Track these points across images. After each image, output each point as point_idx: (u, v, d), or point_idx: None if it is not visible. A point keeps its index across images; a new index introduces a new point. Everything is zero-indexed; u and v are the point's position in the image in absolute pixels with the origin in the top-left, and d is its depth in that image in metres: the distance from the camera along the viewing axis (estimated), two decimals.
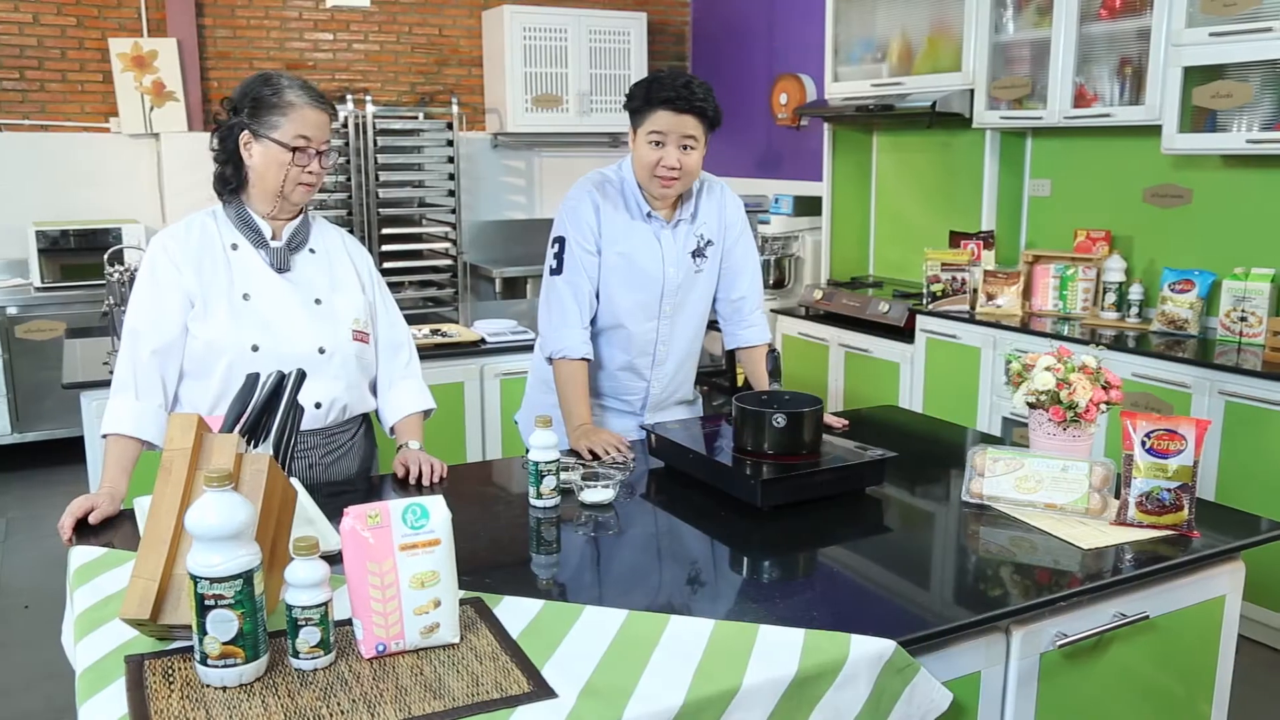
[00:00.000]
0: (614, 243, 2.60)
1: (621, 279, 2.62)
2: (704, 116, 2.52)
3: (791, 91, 6.32)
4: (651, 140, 2.50)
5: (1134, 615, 1.80)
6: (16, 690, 3.30)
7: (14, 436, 5.42)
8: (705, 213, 2.69)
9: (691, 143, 2.51)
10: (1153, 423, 1.96)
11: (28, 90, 5.85)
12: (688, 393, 2.85)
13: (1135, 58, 4.01)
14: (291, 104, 2.13)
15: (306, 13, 6.43)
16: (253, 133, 2.14)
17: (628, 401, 2.74)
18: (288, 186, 2.17)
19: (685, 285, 2.67)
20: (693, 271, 2.67)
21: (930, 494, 2.23)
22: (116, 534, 1.95)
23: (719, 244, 2.71)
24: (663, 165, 2.50)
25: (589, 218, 2.59)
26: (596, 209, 2.60)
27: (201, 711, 1.33)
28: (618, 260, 2.61)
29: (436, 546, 1.47)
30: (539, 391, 2.81)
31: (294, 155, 2.14)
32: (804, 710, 1.47)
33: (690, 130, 2.50)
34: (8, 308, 5.37)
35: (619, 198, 2.62)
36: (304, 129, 2.14)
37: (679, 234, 2.65)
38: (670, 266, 2.63)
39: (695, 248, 2.66)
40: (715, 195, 2.73)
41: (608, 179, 2.65)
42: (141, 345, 2.15)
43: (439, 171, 6.52)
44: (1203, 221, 4.14)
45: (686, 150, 2.51)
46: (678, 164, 2.50)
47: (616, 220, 2.60)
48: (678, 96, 2.48)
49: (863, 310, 4.88)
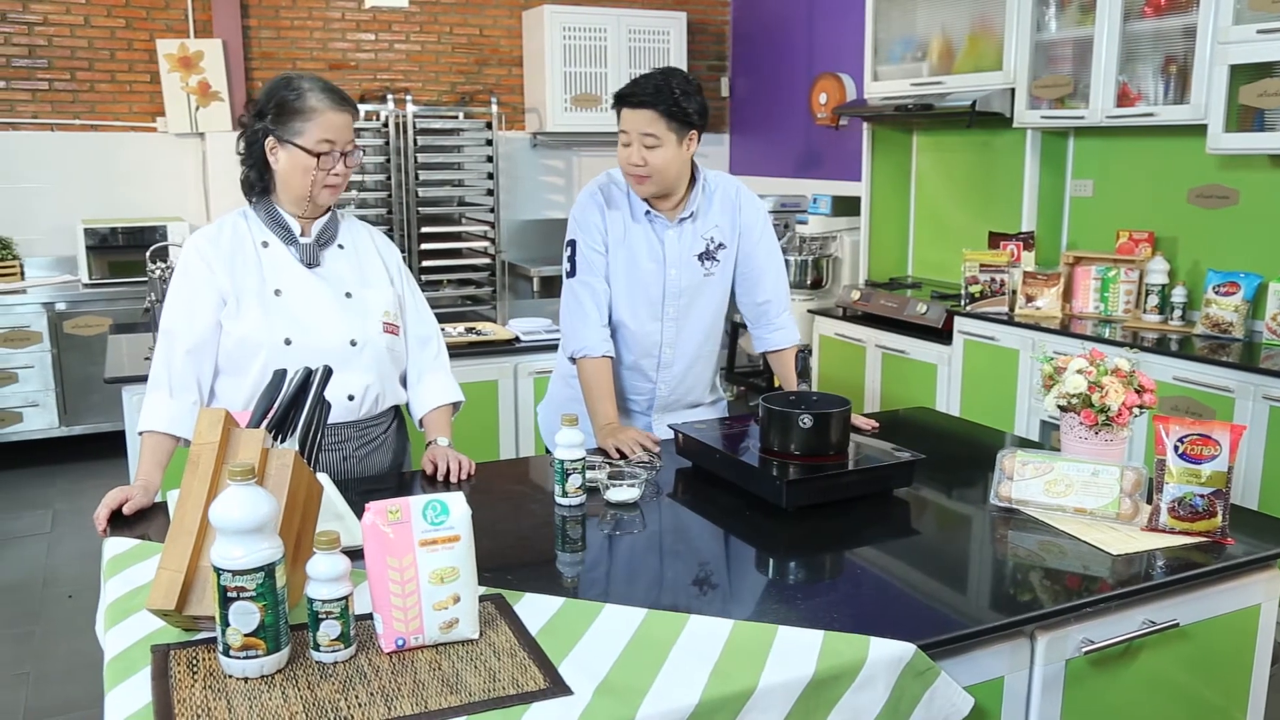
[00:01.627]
0: (617, 243, 2.61)
1: (624, 279, 2.62)
2: (656, 109, 2.44)
3: (831, 91, 6.28)
4: (621, 140, 2.53)
5: (1164, 623, 1.77)
6: (58, 677, 3.37)
7: (62, 430, 5.53)
8: (715, 214, 2.66)
9: (651, 140, 2.46)
10: (1186, 427, 1.93)
11: (78, 91, 5.96)
12: (702, 395, 2.83)
13: (1180, 56, 3.95)
14: (314, 109, 2.15)
15: (349, 13, 6.49)
16: (277, 138, 2.16)
17: (635, 401, 2.74)
18: (314, 190, 2.20)
19: (692, 288, 2.65)
20: (701, 274, 2.64)
21: (959, 497, 2.21)
22: (150, 526, 1.98)
23: (732, 247, 2.68)
24: (629, 163, 2.51)
25: (596, 219, 2.62)
26: (602, 210, 2.62)
27: (223, 702, 1.35)
28: (620, 260, 2.61)
29: (456, 543, 1.48)
30: (560, 385, 2.83)
31: (319, 160, 2.17)
32: (821, 712, 1.46)
33: (647, 127, 2.45)
34: (57, 303, 5.48)
35: (622, 199, 2.63)
36: (327, 133, 2.16)
37: (683, 234, 2.63)
38: (672, 268, 2.62)
39: (703, 250, 2.64)
40: (728, 197, 2.69)
41: (613, 180, 2.66)
42: (176, 344, 2.19)
43: (478, 171, 6.56)
44: (1249, 223, 4.07)
45: (650, 148, 2.47)
46: (641, 160, 2.48)
47: (617, 221, 2.62)
48: (629, 93, 2.48)
49: (900, 311, 4.84)
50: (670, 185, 2.56)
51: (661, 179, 2.52)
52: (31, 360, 5.42)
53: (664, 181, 2.54)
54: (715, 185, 2.69)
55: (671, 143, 2.48)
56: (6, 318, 5.37)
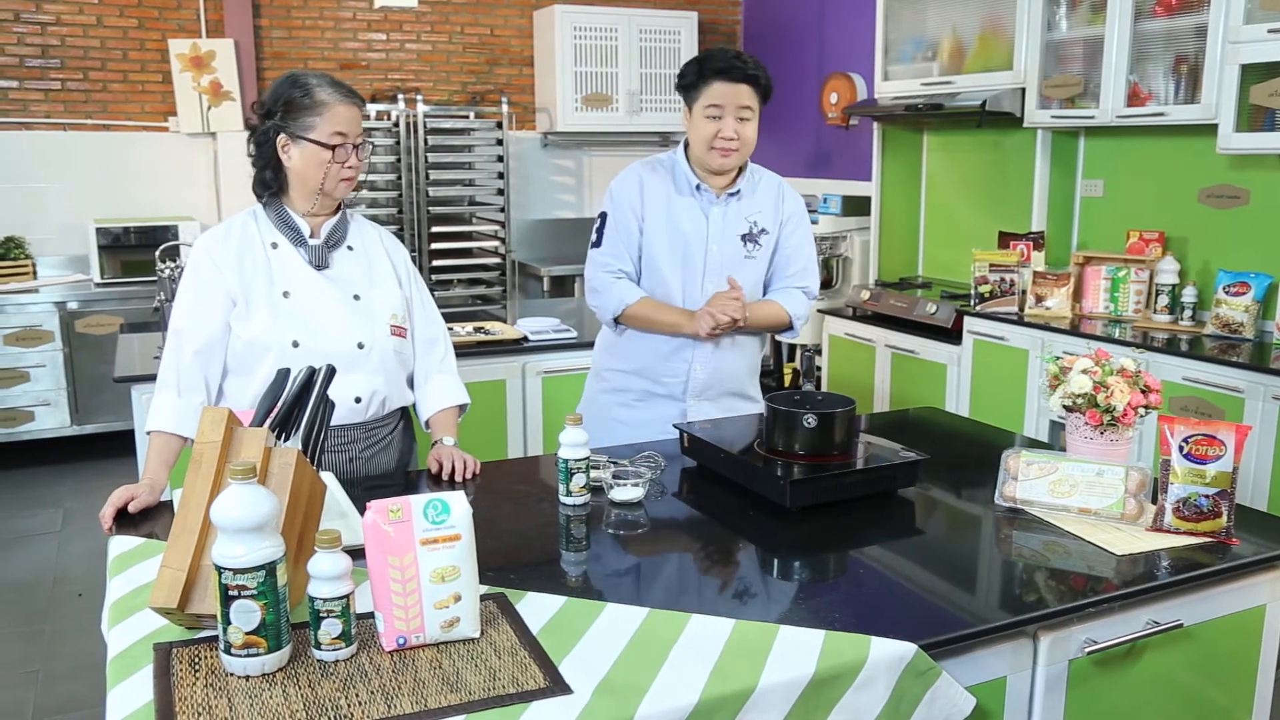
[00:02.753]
0: (657, 212, 2.65)
1: (665, 248, 2.66)
2: (757, 85, 2.58)
3: (842, 90, 6.27)
4: (709, 114, 2.57)
5: (1168, 623, 1.77)
6: (66, 675, 3.39)
7: (73, 429, 5.55)
8: (760, 200, 2.72)
9: (747, 113, 2.57)
10: (1191, 427, 1.92)
11: (90, 91, 5.99)
12: (740, 385, 2.80)
13: (1191, 55, 3.93)
14: (324, 103, 2.17)
15: (360, 13, 6.51)
16: (290, 135, 2.17)
17: (668, 385, 2.73)
18: (329, 183, 2.21)
19: (731, 266, 2.67)
20: (742, 255, 2.68)
21: (964, 497, 2.21)
22: (156, 524, 1.99)
23: (774, 235, 2.72)
24: (720, 137, 2.56)
25: (631, 195, 2.67)
26: (641, 184, 2.67)
27: (224, 700, 1.36)
28: (660, 229, 2.65)
29: (457, 542, 1.49)
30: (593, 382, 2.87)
31: (333, 153, 2.18)
32: (821, 712, 1.46)
33: (745, 100, 2.56)
34: (68, 303, 5.50)
35: (668, 175, 2.69)
36: (339, 125, 2.17)
37: (729, 212, 2.67)
38: (714, 243, 2.66)
39: (747, 231, 2.68)
40: (773, 188, 2.76)
41: (659, 160, 2.73)
42: (185, 345, 2.20)
43: (489, 170, 6.58)
44: (1260, 222, 4.05)
45: (743, 120, 2.57)
46: (735, 134, 2.56)
47: (661, 192, 2.66)
48: (731, 67, 2.55)
49: (910, 311, 4.83)
50: (746, 159, 2.66)
51: (747, 151, 2.62)
52: (43, 359, 5.44)
53: (747, 155, 2.64)
54: (760, 175, 2.76)
55: (758, 116, 2.60)
56: (18, 317, 5.40)
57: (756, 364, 2.87)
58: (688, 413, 2.73)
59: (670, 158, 2.72)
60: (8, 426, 5.42)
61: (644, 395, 2.75)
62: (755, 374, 2.87)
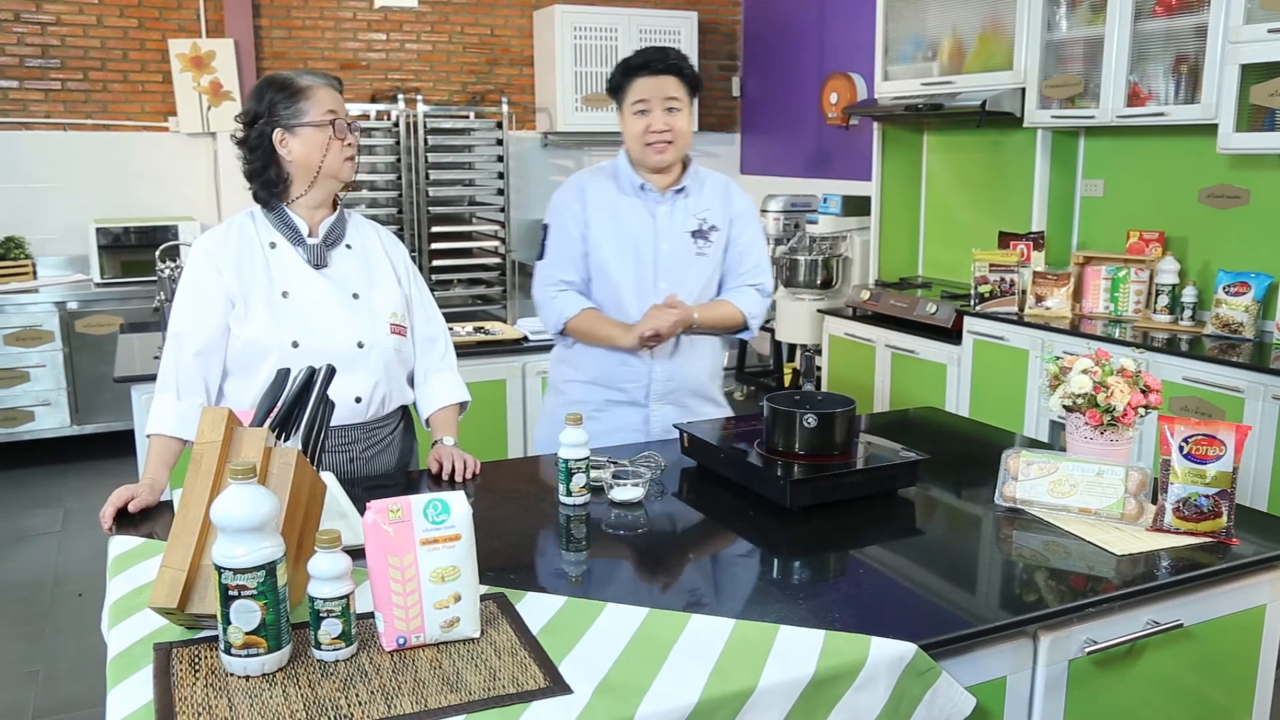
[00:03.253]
0: (602, 216, 2.64)
1: (613, 251, 2.64)
2: (681, 75, 2.57)
3: (842, 90, 6.27)
4: (637, 110, 2.57)
5: (1168, 623, 1.77)
6: (66, 675, 3.39)
7: (73, 429, 5.55)
8: (709, 197, 2.70)
9: (674, 104, 2.56)
10: (1191, 427, 1.92)
11: (90, 91, 5.99)
12: (704, 388, 2.77)
13: (1191, 55, 3.93)
14: (308, 86, 2.20)
15: (360, 13, 6.51)
16: (285, 129, 2.18)
17: (628, 391, 2.69)
18: (332, 163, 2.22)
19: (682, 264, 2.65)
20: (693, 252, 2.66)
21: (964, 497, 2.21)
22: (156, 524, 1.99)
23: (724, 231, 2.70)
24: (651, 130, 2.55)
25: (572, 202, 2.66)
26: (582, 191, 2.66)
27: (224, 699, 1.36)
28: (607, 232, 2.63)
29: (457, 542, 1.49)
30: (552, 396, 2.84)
31: (332, 128, 2.20)
32: (821, 712, 1.46)
33: (670, 91, 2.55)
34: (68, 303, 5.50)
35: (610, 179, 2.68)
36: (328, 104, 2.21)
37: (676, 209, 2.65)
38: (664, 241, 2.64)
39: (696, 228, 2.66)
40: (720, 185, 2.75)
41: (601, 167, 2.73)
42: (184, 347, 2.19)
43: (489, 170, 6.58)
44: (1260, 222, 4.05)
45: (671, 111, 2.56)
46: (665, 125, 2.55)
47: (605, 196, 2.65)
48: (651, 60, 2.56)
49: (910, 311, 4.83)
50: (685, 153, 2.64)
51: (682, 144, 2.60)
52: (43, 359, 5.44)
53: (683, 147, 2.62)
54: (707, 174, 2.74)
55: (688, 107, 2.58)
56: (19, 317, 5.40)
57: (718, 366, 2.84)
58: (650, 418, 2.69)
59: (613, 163, 2.70)
60: (8, 426, 5.42)
61: (604, 405, 2.69)
62: (717, 377, 2.84)
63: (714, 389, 2.82)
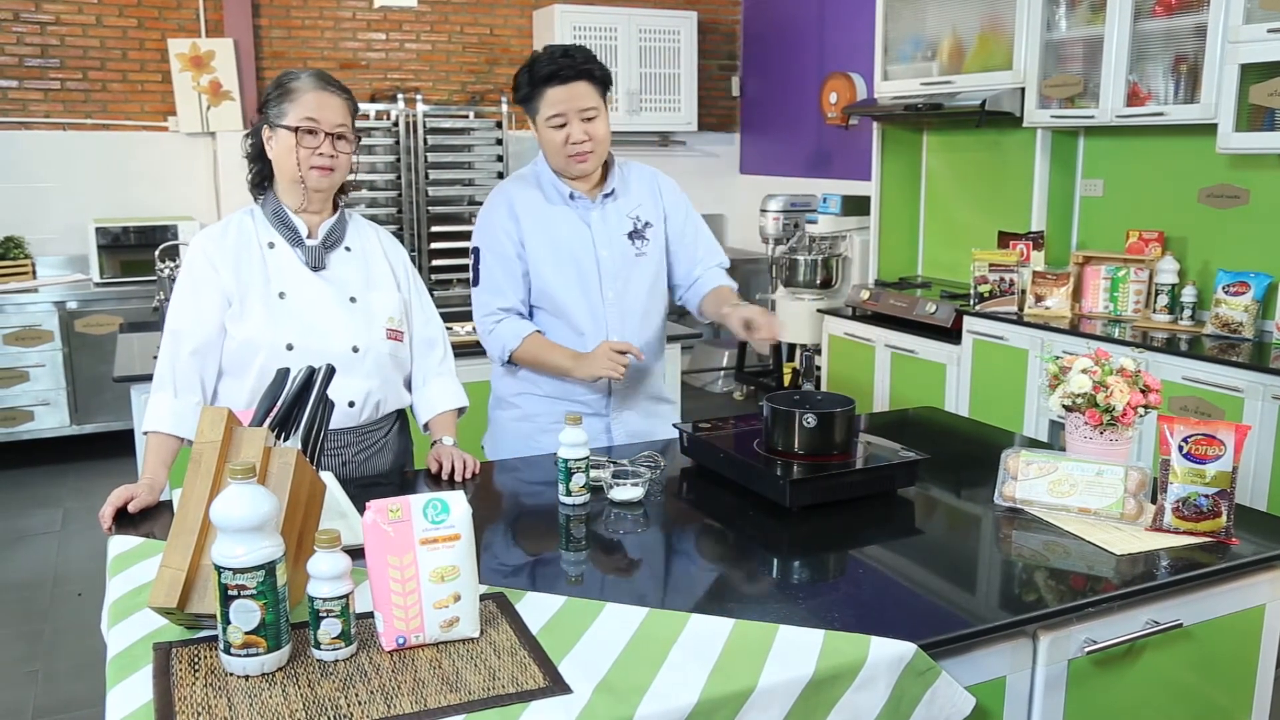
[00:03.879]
0: (536, 230, 2.55)
1: (553, 266, 2.55)
2: (592, 79, 2.45)
3: (841, 90, 6.27)
4: (553, 124, 2.46)
5: (1167, 623, 1.77)
6: (66, 675, 3.39)
7: (73, 429, 5.55)
8: (637, 193, 2.63)
9: (591, 112, 2.45)
10: (1191, 427, 1.92)
11: (90, 90, 6.00)
12: (659, 389, 2.74)
13: (1190, 55, 3.93)
14: (297, 89, 2.17)
15: (360, 13, 6.51)
16: (270, 126, 2.19)
17: (588, 403, 2.61)
18: (302, 168, 2.17)
19: (625, 269, 2.58)
20: (632, 254, 2.59)
21: (964, 497, 2.21)
22: (155, 524, 1.99)
23: (659, 226, 2.65)
24: (570, 143, 2.45)
25: (502, 219, 2.56)
26: (511, 204, 2.56)
27: (223, 699, 1.36)
28: (543, 248, 2.55)
29: (457, 541, 1.49)
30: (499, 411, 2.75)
31: (298, 135, 2.15)
32: (821, 712, 1.46)
33: (586, 101, 2.44)
34: (68, 302, 5.50)
35: (535, 189, 2.58)
36: (309, 111, 2.15)
37: (607, 214, 2.58)
38: (603, 249, 2.56)
39: (631, 229, 2.59)
40: (647, 179, 2.68)
41: (522, 175, 2.62)
42: (181, 345, 2.19)
43: (488, 170, 6.58)
44: (1260, 222, 4.05)
45: (589, 120, 2.45)
46: (585, 136, 2.45)
47: (534, 208, 2.56)
48: (560, 69, 2.42)
49: (909, 311, 4.84)
50: (604, 157, 2.55)
51: (602, 150, 2.51)
52: (43, 359, 5.44)
53: (604, 152, 2.53)
54: (631, 169, 2.67)
55: (604, 111, 2.49)
56: (18, 317, 5.40)
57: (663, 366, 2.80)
58: (611, 426, 2.64)
59: (533, 171, 2.59)
60: (7, 426, 5.42)
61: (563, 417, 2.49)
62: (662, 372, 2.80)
63: (666, 387, 2.80)
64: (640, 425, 2.67)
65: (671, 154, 7.22)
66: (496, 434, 2.74)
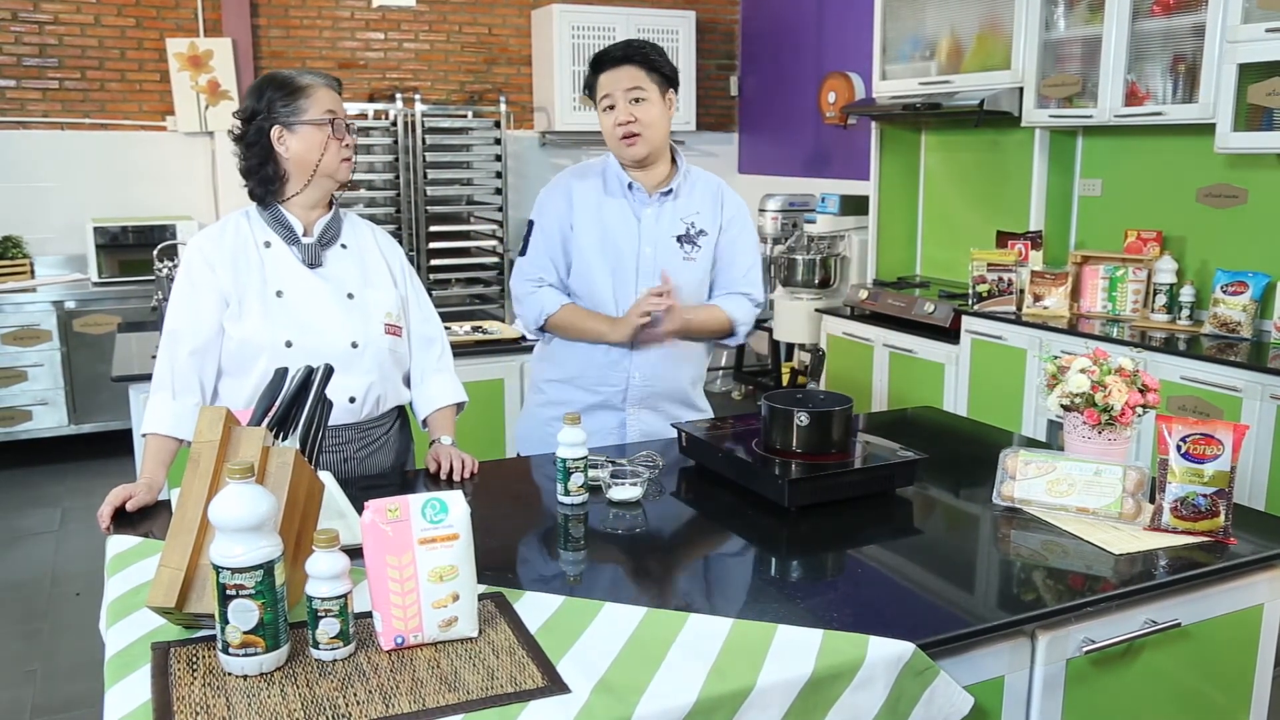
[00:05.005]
0: (586, 217, 2.58)
1: (596, 252, 2.58)
2: (644, 63, 2.48)
3: (840, 90, 6.27)
4: (604, 106, 2.52)
5: (1166, 622, 1.77)
6: (64, 675, 3.38)
7: (71, 428, 5.55)
8: (698, 200, 2.64)
9: (639, 93, 2.48)
10: (1189, 427, 1.92)
11: (88, 90, 5.99)
12: (685, 395, 2.71)
13: (1189, 55, 3.94)
14: (308, 85, 2.20)
15: (358, 12, 6.51)
16: (284, 126, 2.18)
17: (604, 394, 2.63)
18: (330, 162, 2.21)
19: (667, 269, 2.56)
20: (679, 257, 2.59)
21: (962, 496, 2.21)
22: (154, 524, 1.99)
23: (713, 236, 2.64)
24: (617, 124, 2.49)
25: (558, 201, 2.61)
26: (569, 190, 2.61)
27: (222, 699, 1.35)
28: (591, 233, 2.57)
29: (455, 541, 1.49)
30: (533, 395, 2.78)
31: (331, 127, 2.20)
32: (819, 711, 1.46)
33: (632, 81, 2.48)
34: (66, 302, 5.50)
35: (598, 178, 2.62)
36: (327, 104, 2.21)
37: (662, 213, 2.59)
38: (647, 245, 2.57)
39: (683, 232, 2.60)
40: (711, 188, 2.68)
41: (589, 165, 2.67)
42: (179, 346, 2.19)
43: (487, 170, 6.58)
44: (1258, 222, 4.05)
45: (637, 102, 2.48)
46: (630, 116, 2.48)
47: (591, 195, 2.59)
48: (608, 55, 2.51)
49: (908, 310, 4.84)
50: (659, 147, 2.56)
51: (652, 136, 2.51)
52: (41, 359, 5.44)
53: (654, 140, 2.52)
54: (699, 176, 2.68)
55: (656, 98, 2.50)
56: (16, 316, 5.39)
57: (701, 372, 2.76)
58: (627, 422, 2.64)
59: (602, 161, 2.63)
60: (6, 426, 5.42)
61: (584, 407, 2.59)
62: (699, 382, 2.77)
63: (695, 395, 2.75)
64: (658, 426, 2.65)
65: None
66: (524, 417, 2.81)
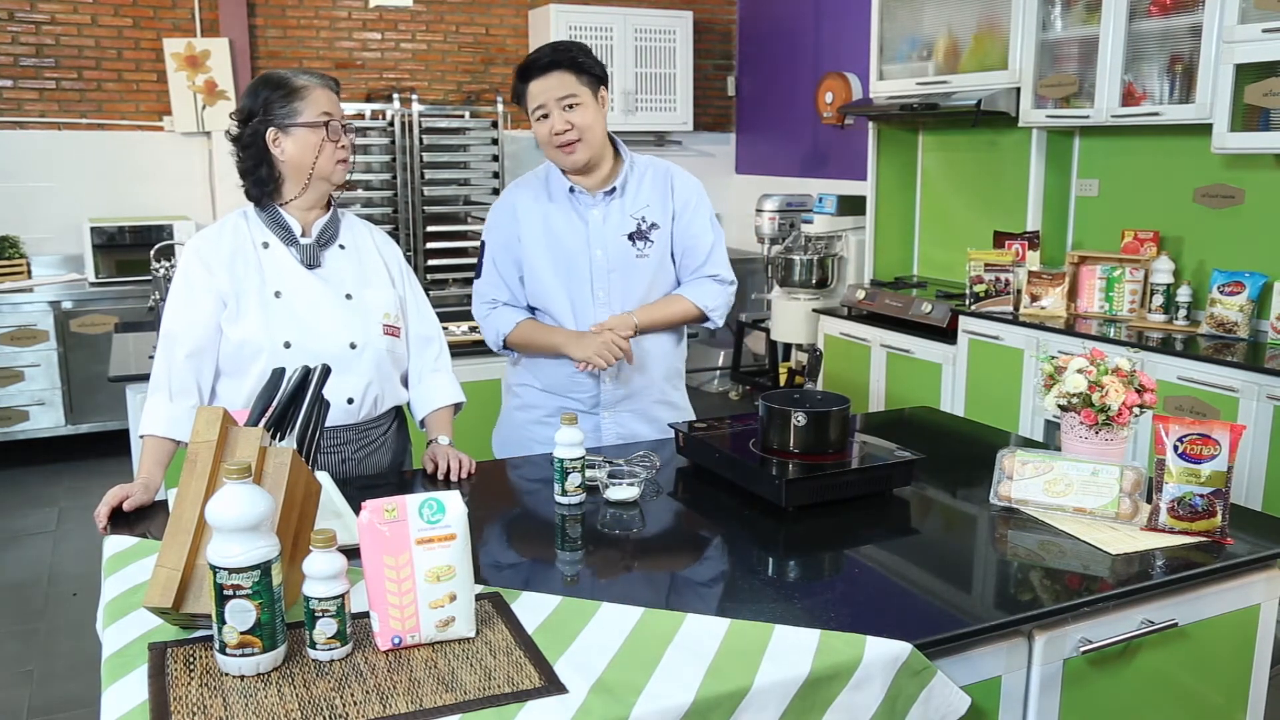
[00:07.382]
0: (533, 227, 2.55)
1: (546, 262, 2.55)
2: (573, 67, 2.42)
3: (837, 90, 6.28)
4: (537, 117, 2.46)
5: (1162, 623, 1.77)
6: (61, 675, 3.38)
7: (68, 428, 5.55)
8: (646, 193, 2.58)
9: (572, 99, 2.42)
10: (1186, 427, 1.92)
11: (85, 90, 5.99)
12: (662, 393, 2.68)
13: (1185, 55, 3.94)
14: (304, 87, 2.19)
15: (355, 12, 6.51)
16: (279, 128, 2.17)
17: (579, 400, 2.61)
18: (325, 164, 2.21)
19: (622, 269, 2.54)
20: (632, 255, 2.55)
21: (960, 496, 2.21)
22: (151, 524, 1.99)
23: (666, 227, 2.59)
24: (553, 133, 2.44)
25: (504, 216, 2.60)
26: (513, 205, 2.59)
27: (219, 699, 1.35)
28: (539, 244, 2.55)
29: (452, 541, 1.48)
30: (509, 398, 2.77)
31: (326, 129, 2.19)
32: (817, 711, 1.46)
33: (563, 89, 2.42)
34: (63, 302, 5.49)
35: (541, 186, 2.59)
36: (323, 106, 2.20)
37: (609, 213, 2.55)
38: (597, 248, 2.53)
39: (634, 230, 2.55)
40: (660, 176, 2.62)
41: (533, 174, 2.64)
42: (177, 348, 2.19)
43: (484, 170, 6.58)
44: (1254, 222, 4.06)
45: (571, 109, 2.42)
46: (566, 124, 2.42)
47: (535, 205, 2.56)
48: (533, 63, 2.44)
49: (905, 310, 4.84)
50: (599, 150, 2.50)
51: (591, 139, 2.46)
52: (38, 359, 5.43)
53: (594, 143, 2.47)
54: (646, 166, 2.63)
55: (590, 100, 2.45)
56: (13, 316, 5.39)
57: (677, 366, 2.72)
58: (602, 425, 2.62)
59: (545, 168, 2.59)
60: (3, 426, 5.41)
61: (556, 411, 2.55)
62: (675, 377, 2.72)
63: (670, 391, 2.71)
64: (637, 427, 2.65)
65: (667, 154, 7.21)
66: (502, 421, 2.79)
